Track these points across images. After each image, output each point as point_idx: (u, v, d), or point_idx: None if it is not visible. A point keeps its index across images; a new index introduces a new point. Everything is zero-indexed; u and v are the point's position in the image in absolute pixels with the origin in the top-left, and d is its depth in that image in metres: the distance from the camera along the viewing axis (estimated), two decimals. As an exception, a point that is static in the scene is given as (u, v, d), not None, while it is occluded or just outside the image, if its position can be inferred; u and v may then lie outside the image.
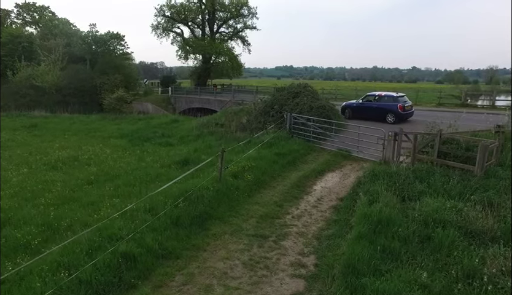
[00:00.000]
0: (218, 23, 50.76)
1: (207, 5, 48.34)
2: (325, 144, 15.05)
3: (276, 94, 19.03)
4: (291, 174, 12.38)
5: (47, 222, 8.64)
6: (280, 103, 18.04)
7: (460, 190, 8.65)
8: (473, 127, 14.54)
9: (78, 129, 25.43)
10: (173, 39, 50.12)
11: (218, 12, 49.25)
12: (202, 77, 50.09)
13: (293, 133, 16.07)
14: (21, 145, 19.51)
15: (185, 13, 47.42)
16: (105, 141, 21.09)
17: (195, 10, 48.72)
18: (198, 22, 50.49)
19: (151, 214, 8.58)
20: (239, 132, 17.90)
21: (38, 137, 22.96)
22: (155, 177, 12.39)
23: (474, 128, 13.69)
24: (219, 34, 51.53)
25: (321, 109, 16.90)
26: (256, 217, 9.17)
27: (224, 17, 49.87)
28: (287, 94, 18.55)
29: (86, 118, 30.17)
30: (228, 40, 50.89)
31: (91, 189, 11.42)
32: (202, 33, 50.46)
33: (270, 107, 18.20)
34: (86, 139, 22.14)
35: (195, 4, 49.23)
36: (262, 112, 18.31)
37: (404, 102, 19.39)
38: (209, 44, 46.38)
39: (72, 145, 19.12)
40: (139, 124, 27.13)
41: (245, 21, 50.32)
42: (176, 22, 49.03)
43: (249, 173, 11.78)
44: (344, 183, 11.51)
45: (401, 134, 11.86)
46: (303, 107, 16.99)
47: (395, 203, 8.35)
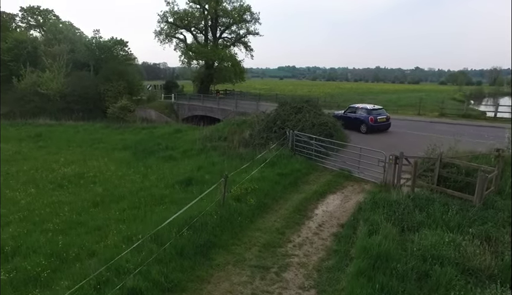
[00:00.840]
0: (221, 29, 51.06)
1: (210, 12, 48.60)
2: (327, 162, 15.23)
3: (279, 110, 19.22)
4: (293, 196, 12.58)
5: (56, 251, 8.89)
6: (282, 119, 18.24)
7: (459, 222, 8.82)
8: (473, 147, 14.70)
9: (83, 140, 25.73)
10: (176, 45, 50.55)
11: (221, 18, 49.52)
12: (205, 82, 50.39)
13: (296, 150, 16.26)
14: (28, 159, 19.81)
15: (188, 19, 47.73)
16: (109, 154, 21.38)
17: (198, 16, 49.00)
18: (201, 28, 50.77)
19: (156, 243, 8.80)
20: (242, 148, 18.10)
21: (44, 148, 23.28)
22: (159, 198, 12.62)
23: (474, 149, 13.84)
24: (222, 40, 51.84)
25: (324, 126, 17.07)
26: (258, 246, 9.38)
27: (227, 23, 50.17)
28: (290, 110, 18.74)
29: (91, 127, 30.49)
30: (230, 46, 51.15)
31: (97, 212, 11.67)
32: (205, 39, 50.74)
33: (272, 123, 18.40)
34: (91, 151, 22.44)
35: (198, 10, 49.50)
36: (265, 127, 18.51)
37: (377, 115, 21.22)
38: (212, 50, 46.65)
39: (76, 160, 19.41)
40: (142, 134, 27.40)
41: (247, 26, 50.65)
42: (179, 28, 49.35)
43: (252, 196, 12.00)
44: (345, 207, 11.69)
45: (402, 158, 12.03)
46: (305, 124, 17.17)
47: (394, 234, 8.53)
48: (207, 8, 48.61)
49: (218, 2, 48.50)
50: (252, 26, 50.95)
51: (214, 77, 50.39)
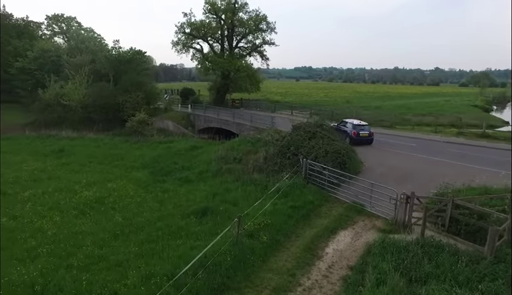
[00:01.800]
0: (237, 38, 51.58)
1: (227, 22, 49.23)
2: (339, 193, 15.45)
3: (292, 135, 19.52)
4: (305, 232, 12.90)
5: (80, 291, 9.52)
6: (296, 144, 18.54)
7: (468, 276, 8.92)
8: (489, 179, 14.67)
9: (103, 156, 26.68)
10: (193, 55, 51.39)
11: (237, 28, 50.03)
12: (221, 91, 51.09)
13: (309, 179, 16.55)
14: (52, 179, 20.76)
15: (204, 30, 48.48)
16: (128, 173, 22.18)
17: (215, 27, 49.70)
18: (217, 37, 51.45)
19: (174, 286, 9.29)
20: (256, 173, 18.49)
21: (66, 166, 24.27)
22: (176, 230, 13.16)
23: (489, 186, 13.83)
24: (238, 49, 52.37)
25: (337, 154, 17.26)
26: (269, 289, 9.78)
27: (243, 32, 50.63)
28: (303, 135, 19.02)
29: (110, 141, 31.53)
30: (246, 56, 51.63)
31: (117, 245, 12.28)
32: (221, 48, 51.41)
33: (286, 148, 18.72)
34: (110, 169, 23.33)
35: (215, 20, 50.19)
36: (278, 152, 18.86)
37: (360, 130, 24.44)
38: (228, 61, 47.25)
39: (97, 180, 20.23)
40: (160, 149, 28.19)
41: (263, 36, 51.02)
42: (196, 38, 50.15)
43: (265, 232, 12.40)
44: (355, 246, 11.93)
45: (413, 198, 12.18)
46: (319, 151, 17.41)
47: (401, 287, 8.75)
48: (223, 18, 49.26)
49: (234, 12, 49.09)
50: (267, 36, 51.38)
51: (230, 87, 50.99)
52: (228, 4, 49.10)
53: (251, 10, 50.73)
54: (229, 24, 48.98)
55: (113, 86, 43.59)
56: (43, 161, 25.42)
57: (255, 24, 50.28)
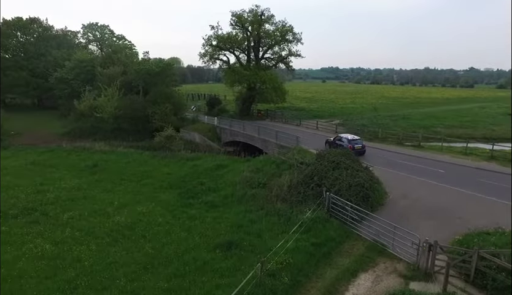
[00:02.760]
0: (263, 49, 52.05)
1: (253, 33, 49.85)
2: (361, 229, 15.56)
3: (316, 164, 19.74)
4: (325, 273, 13.17)
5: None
6: (320, 175, 18.77)
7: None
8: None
9: (133, 173, 27.97)
10: (219, 67, 52.30)
11: (264, 39, 50.48)
12: (247, 102, 51.81)
13: (331, 212, 16.77)
14: (87, 198, 22.11)
15: (231, 42, 49.33)
16: (156, 194, 23.24)
17: (241, 38, 50.45)
18: (244, 48, 52.14)
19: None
20: (280, 202, 18.89)
21: (100, 183, 25.72)
22: (202, 265, 13.82)
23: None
24: (264, 60, 52.85)
25: (360, 188, 17.36)
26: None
27: (269, 43, 50.96)
28: (327, 165, 19.20)
29: (139, 156, 32.91)
30: (272, 67, 51.99)
31: (147, 279, 13.08)
32: (248, 59, 52.11)
33: (310, 178, 18.99)
34: (139, 189, 24.53)
35: (241, 32, 50.95)
36: (302, 181, 19.15)
37: (355, 144, 28.43)
38: (254, 73, 47.85)
39: (128, 202, 21.40)
40: (186, 168, 29.16)
41: (289, 47, 51.23)
42: (222, 50, 51.12)
43: (286, 272, 12.81)
44: (376, 291, 12.08)
45: (436, 246, 12.18)
46: (342, 184, 17.57)
47: None
48: (250, 30, 49.92)
49: (260, 23, 49.61)
50: (293, 46, 51.52)
51: (256, 98, 51.56)
52: (255, 16, 49.70)
53: (277, 21, 51.17)
54: (256, 35, 49.58)
55: (142, 98, 45.26)
56: (79, 177, 27.02)
57: (281, 35, 50.59)
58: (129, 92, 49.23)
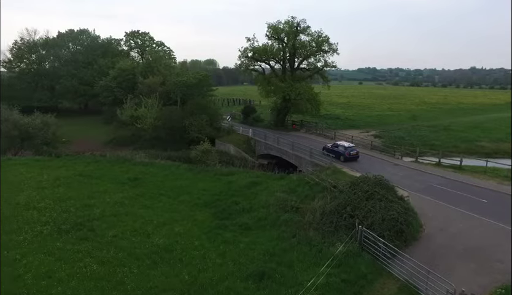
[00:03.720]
0: (299, 60, 52.15)
1: (288, 44, 50.10)
2: (394, 267, 15.44)
3: (350, 193, 19.75)
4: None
5: None
6: (353, 205, 18.78)
7: None
8: None
9: (170, 187, 29.25)
10: (255, 78, 53.02)
11: (299, 50, 50.53)
12: (282, 113, 52.18)
13: (363, 246, 16.78)
14: (128, 215, 23.52)
15: (266, 54, 49.93)
16: (193, 212, 24.29)
17: (277, 49, 50.88)
18: (279, 59, 52.49)
19: None
20: (312, 230, 19.13)
21: (140, 197, 27.17)
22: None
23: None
24: (300, 71, 52.92)
25: (394, 222, 17.20)
26: None
27: (305, 54, 50.89)
28: (360, 195, 19.17)
29: (176, 170, 34.29)
30: (307, 78, 51.91)
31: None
32: (283, 70, 52.43)
33: (343, 207, 19.05)
34: (177, 206, 25.66)
35: (277, 43, 51.36)
36: (335, 210, 19.24)
37: (350, 151, 33.23)
38: (289, 85, 48.10)
39: (166, 221, 22.56)
40: (221, 183, 30.04)
41: (325, 58, 50.95)
42: (258, 61, 51.83)
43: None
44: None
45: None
46: (375, 217, 17.50)
47: None
48: (285, 41, 50.22)
49: (296, 35, 49.74)
50: (329, 57, 51.15)
51: (290, 109, 51.75)
52: (290, 27, 49.92)
53: (313, 32, 51.03)
54: (291, 46, 49.79)
55: (180, 109, 47.00)
56: (121, 190, 28.68)
57: (317, 46, 50.40)
58: (167, 102, 51.30)
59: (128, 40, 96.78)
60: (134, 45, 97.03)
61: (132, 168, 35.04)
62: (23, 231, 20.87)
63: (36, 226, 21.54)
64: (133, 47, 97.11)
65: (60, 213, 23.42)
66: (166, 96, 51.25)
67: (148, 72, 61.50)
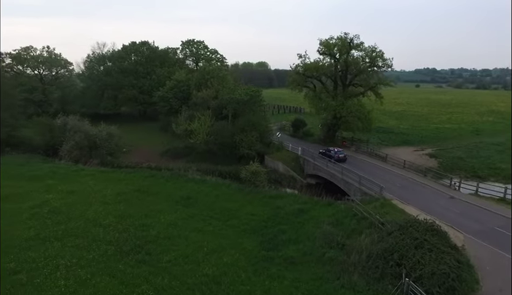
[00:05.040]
0: (351, 76, 51.25)
1: (341, 60, 49.48)
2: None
3: (398, 237, 19.37)
4: None
5: None
6: (400, 252, 18.43)
7: None
8: None
9: (221, 210, 30.59)
10: (306, 94, 53.11)
11: (351, 66, 49.65)
12: (332, 130, 51.67)
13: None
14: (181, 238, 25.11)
15: (318, 71, 49.77)
16: (240, 239, 25.31)
17: (328, 65, 50.51)
18: (331, 75, 52.00)
19: None
20: (357, 274, 19.09)
21: (192, 219, 28.85)
22: None
23: None
24: (352, 86, 51.98)
25: (445, 278, 16.61)
26: None
27: (357, 70, 49.81)
28: (409, 242, 18.73)
29: (227, 189, 35.73)
30: (360, 95, 50.81)
31: None
32: (334, 86, 51.88)
33: (389, 253, 18.77)
34: (226, 230, 26.91)
35: (329, 58, 50.98)
36: (381, 255, 19.02)
37: (339, 154, 42.01)
38: (340, 103, 47.52)
39: (216, 248, 23.80)
40: (269, 208, 30.81)
41: (379, 74, 49.45)
42: (309, 78, 51.82)
43: None
44: None
45: None
46: (424, 270, 17.04)
47: None
48: (337, 57, 49.64)
49: (349, 51, 48.94)
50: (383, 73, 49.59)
51: (341, 126, 51.02)
52: (343, 43, 49.24)
53: (367, 47, 49.85)
54: (343, 62, 49.12)
55: (231, 125, 48.59)
56: (175, 210, 30.60)
57: (371, 62, 49.18)
58: (219, 115, 53.26)
59: (183, 48, 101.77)
60: (189, 53, 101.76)
61: (185, 185, 37.13)
62: (91, 249, 23.38)
63: (102, 245, 23.96)
64: (188, 55, 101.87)
65: (121, 232, 25.69)
66: (218, 110, 53.23)
67: (202, 85, 64.24)
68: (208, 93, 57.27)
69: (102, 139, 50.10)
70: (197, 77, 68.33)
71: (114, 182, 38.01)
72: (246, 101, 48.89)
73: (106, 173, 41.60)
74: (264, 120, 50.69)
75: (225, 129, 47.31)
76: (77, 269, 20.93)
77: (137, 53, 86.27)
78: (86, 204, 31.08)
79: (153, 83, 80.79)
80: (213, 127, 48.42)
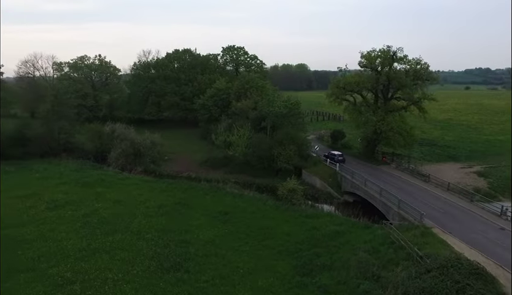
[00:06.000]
0: (393, 90, 49.74)
1: (382, 73, 48.18)
2: None
3: (436, 278, 18.77)
4: None
5: None
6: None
7: None
8: None
9: (257, 228, 31.18)
10: (345, 108, 52.36)
11: (394, 79, 48.08)
12: (372, 144, 50.51)
13: None
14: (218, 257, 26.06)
15: (358, 85, 48.91)
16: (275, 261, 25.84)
17: (369, 78, 49.38)
18: (372, 88, 50.79)
19: None
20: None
21: (229, 236, 29.72)
22: None
23: None
24: (394, 100, 50.44)
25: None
26: None
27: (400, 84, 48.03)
28: (449, 285, 18.06)
29: (263, 206, 36.32)
30: (402, 109, 49.11)
31: None
32: (375, 100, 50.68)
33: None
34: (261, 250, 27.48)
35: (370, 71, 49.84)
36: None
37: (338, 156, 47.75)
38: (381, 118, 46.29)
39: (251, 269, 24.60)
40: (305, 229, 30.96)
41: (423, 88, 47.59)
42: (349, 92, 51.04)
43: None
44: None
45: None
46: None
47: None
48: (379, 70, 48.41)
49: (391, 64, 47.52)
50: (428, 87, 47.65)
51: (381, 141, 49.65)
52: (386, 56, 47.94)
53: (411, 60, 48.14)
54: (385, 75, 47.78)
55: (269, 138, 49.10)
56: (212, 225, 31.71)
57: (415, 75, 47.43)
58: (258, 126, 53.99)
59: (224, 54, 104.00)
60: (230, 59, 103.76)
61: (223, 199, 38.26)
62: (135, 263, 24.97)
63: (145, 260, 25.52)
64: (228, 61, 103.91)
65: (162, 248, 27.14)
66: (257, 121, 53.97)
67: (241, 94, 65.40)
68: (247, 104, 58.23)
69: (146, 147, 52.81)
70: (237, 85, 69.64)
71: (156, 192, 40.03)
72: (285, 114, 49.14)
73: (149, 183, 43.87)
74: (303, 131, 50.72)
75: (263, 142, 47.89)
76: (123, 284, 22.56)
77: (180, 61, 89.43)
78: (131, 216, 33.10)
79: (194, 90, 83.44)
80: (252, 139, 49.19)
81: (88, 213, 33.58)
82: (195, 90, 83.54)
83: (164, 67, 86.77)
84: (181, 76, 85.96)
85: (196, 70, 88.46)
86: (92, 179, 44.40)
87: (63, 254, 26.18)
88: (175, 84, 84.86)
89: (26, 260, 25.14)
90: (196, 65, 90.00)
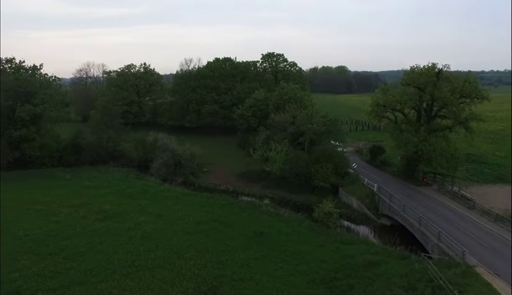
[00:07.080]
0: (437, 108, 47.74)
1: (426, 91, 46.40)
2: None
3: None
4: None
5: None
6: None
7: None
8: None
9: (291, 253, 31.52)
10: (385, 125, 51.09)
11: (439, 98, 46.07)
12: (411, 164, 48.89)
13: None
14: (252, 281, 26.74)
15: (400, 103, 47.58)
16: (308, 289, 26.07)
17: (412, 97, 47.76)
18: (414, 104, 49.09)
19: None
20: None
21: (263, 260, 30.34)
22: None
23: None
24: (438, 118, 48.39)
25: None
26: None
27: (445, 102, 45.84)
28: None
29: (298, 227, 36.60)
30: (446, 129, 46.89)
31: None
32: (418, 118, 49.00)
33: None
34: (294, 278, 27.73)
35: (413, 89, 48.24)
36: None
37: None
38: (423, 138, 44.67)
39: None
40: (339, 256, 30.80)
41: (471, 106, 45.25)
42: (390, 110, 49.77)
43: None
44: None
45: None
46: None
47: None
48: (422, 89, 46.66)
49: (436, 82, 45.57)
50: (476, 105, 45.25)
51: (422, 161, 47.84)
52: (430, 74, 46.12)
53: (458, 77, 45.93)
54: (429, 94, 45.98)
55: (306, 154, 49.23)
56: (248, 247, 32.51)
57: (462, 92, 45.20)
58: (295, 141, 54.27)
59: (263, 62, 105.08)
60: (269, 66, 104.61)
61: (259, 218, 39.04)
62: (174, 284, 26.35)
63: (183, 281, 26.81)
64: (267, 68, 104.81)
65: (200, 269, 28.34)
66: (295, 136, 54.31)
67: (280, 106, 65.92)
68: (285, 117, 58.64)
69: (186, 158, 55.03)
70: (275, 97, 70.26)
71: (195, 207, 41.68)
72: (322, 132, 49.00)
73: (188, 196, 45.78)
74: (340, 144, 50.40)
75: (300, 158, 48.14)
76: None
77: (220, 70, 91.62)
78: (171, 232, 34.84)
79: (233, 99, 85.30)
80: (289, 155, 49.59)
81: (132, 227, 35.76)
82: (234, 98, 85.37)
83: (205, 77, 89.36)
84: (221, 85, 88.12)
85: (236, 79, 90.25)
86: (136, 190, 47.11)
87: (110, 269, 28.21)
88: (215, 93, 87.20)
89: (79, 273, 27.46)
90: (236, 74, 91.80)
